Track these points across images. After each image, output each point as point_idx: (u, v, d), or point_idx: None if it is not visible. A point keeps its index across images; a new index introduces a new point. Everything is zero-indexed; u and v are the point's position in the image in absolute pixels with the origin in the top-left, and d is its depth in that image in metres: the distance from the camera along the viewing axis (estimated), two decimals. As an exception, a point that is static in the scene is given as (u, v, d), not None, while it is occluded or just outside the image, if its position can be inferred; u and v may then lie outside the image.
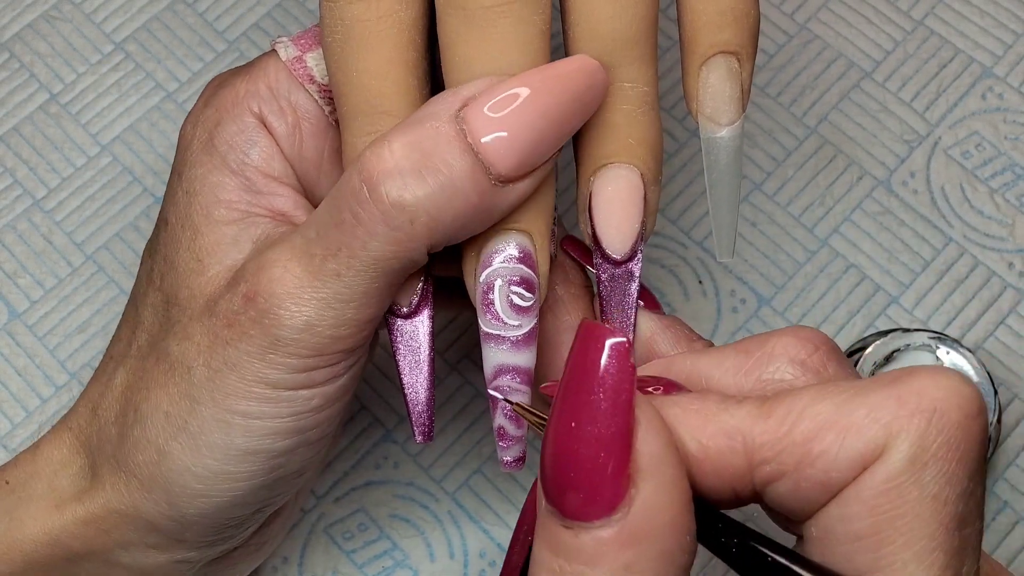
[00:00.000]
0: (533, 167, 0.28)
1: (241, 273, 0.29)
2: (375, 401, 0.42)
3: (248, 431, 0.29)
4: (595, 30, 0.29)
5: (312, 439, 0.30)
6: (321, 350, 0.28)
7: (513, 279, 0.28)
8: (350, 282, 0.28)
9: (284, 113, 0.31)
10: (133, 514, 0.31)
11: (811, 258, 0.44)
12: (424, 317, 0.30)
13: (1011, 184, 0.44)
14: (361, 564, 0.40)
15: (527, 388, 0.29)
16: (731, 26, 0.29)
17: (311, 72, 0.31)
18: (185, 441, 0.29)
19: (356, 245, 0.27)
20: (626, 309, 0.30)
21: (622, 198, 0.29)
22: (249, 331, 0.28)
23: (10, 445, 0.42)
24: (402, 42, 0.29)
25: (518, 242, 0.28)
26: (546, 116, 0.27)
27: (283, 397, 0.29)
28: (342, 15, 0.29)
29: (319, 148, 0.32)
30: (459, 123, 0.27)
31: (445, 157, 0.27)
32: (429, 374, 0.30)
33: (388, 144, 0.27)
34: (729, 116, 0.30)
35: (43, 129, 0.46)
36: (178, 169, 0.32)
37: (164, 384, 0.30)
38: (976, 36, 0.47)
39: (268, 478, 0.30)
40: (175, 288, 0.31)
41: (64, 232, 0.45)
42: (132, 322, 0.33)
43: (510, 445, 0.30)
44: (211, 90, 0.33)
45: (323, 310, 0.28)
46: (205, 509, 0.30)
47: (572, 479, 0.22)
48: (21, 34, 0.48)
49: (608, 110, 0.29)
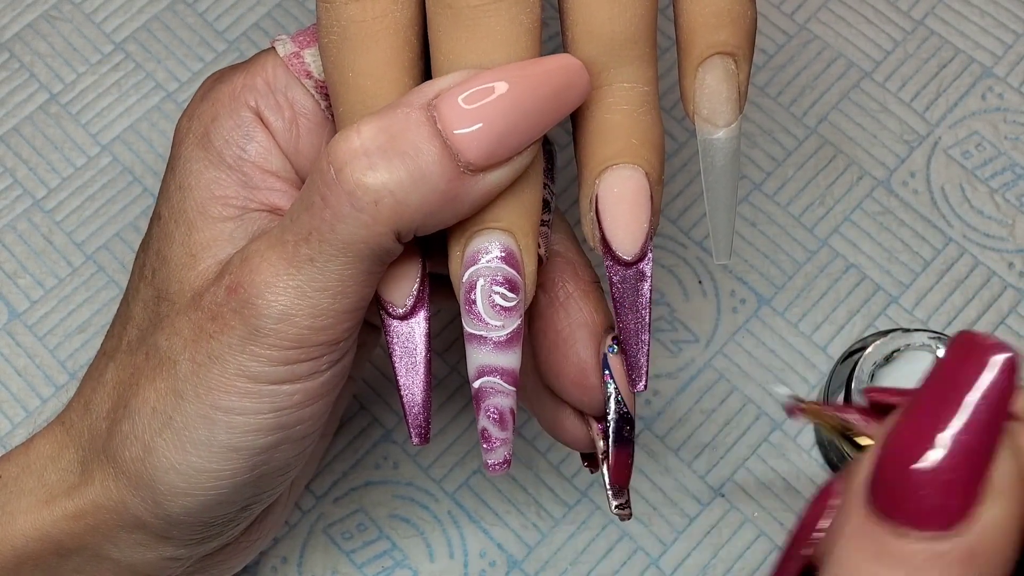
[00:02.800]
0: (504, 158, 0.27)
1: (227, 266, 0.29)
2: (375, 401, 0.42)
3: (231, 427, 0.29)
4: (594, 30, 0.29)
5: (295, 436, 0.30)
6: (300, 341, 0.28)
7: (496, 279, 0.28)
8: (323, 267, 0.28)
9: (281, 108, 0.31)
10: (121, 510, 0.31)
11: (811, 258, 0.44)
12: (420, 319, 0.30)
13: (1011, 184, 0.44)
14: (361, 564, 0.40)
15: (512, 389, 0.29)
16: (728, 27, 0.29)
17: (308, 68, 0.31)
18: (169, 437, 0.29)
19: (324, 228, 0.27)
20: (639, 310, 0.30)
21: (629, 199, 0.29)
22: (231, 323, 0.28)
23: (10, 445, 0.42)
24: (398, 43, 0.29)
25: (501, 241, 0.28)
26: (520, 109, 0.27)
27: (264, 392, 0.29)
28: (338, 16, 0.29)
29: (316, 144, 0.32)
30: (430, 110, 0.27)
31: (413, 141, 0.27)
32: (426, 376, 0.30)
33: (357, 128, 0.27)
34: (726, 118, 0.29)
35: (43, 129, 0.46)
36: (172, 164, 0.32)
37: (152, 379, 0.30)
38: (976, 36, 0.47)
39: (252, 475, 0.30)
40: (166, 283, 0.31)
41: (64, 232, 0.45)
42: (124, 317, 0.33)
43: (495, 447, 0.29)
44: (208, 85, 0.32)
45: (299, 298, 0.28)
46: (190, 507, 0.30)
47: (923, 483, 0.22)
48: (21, 34, 0.48)
49: (609, 111, 0.29)
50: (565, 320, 0.31)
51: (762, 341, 0.43)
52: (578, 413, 0.32)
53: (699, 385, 0.42)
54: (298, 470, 0.32)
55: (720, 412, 0.42)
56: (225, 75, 0.32)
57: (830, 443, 0.40)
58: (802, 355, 0.42)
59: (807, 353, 0.42)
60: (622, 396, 0.31)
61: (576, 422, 0.32)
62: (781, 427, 0.42)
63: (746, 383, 0.42)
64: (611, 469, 0.31)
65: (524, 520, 0.41)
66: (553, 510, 0.41)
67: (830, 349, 0.42)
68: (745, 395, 0.42)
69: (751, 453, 0.41)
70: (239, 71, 0.32)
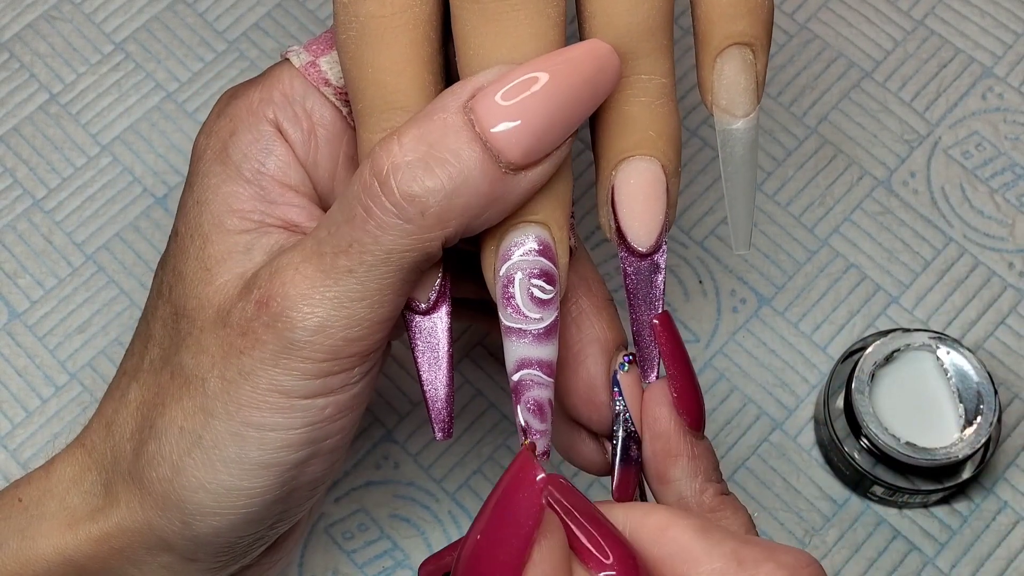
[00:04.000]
0: (545, 153, 0.27)
1: (254, 280, 0.29)
2: (375, 401, 0.42)
3: (262, 444, 0.29)
4: (612, 22, 0.29)
5: (325, 450, 0.30)
6: (335, 353, 0.28)
7: (533, 272, 0.28)
8: (362, 278, 0.28)
9: (299, 120, 0.31)
10: (147, 532, 0.30)
11: (811, 258, 0.44)
12: (442, 313, 0.30)
13: (1011, 184, 0.44)
14: (361, 564, 0.40)
15: (550, 380, 0.29)
16: (745, 17, 0.29)
17: (325, 75, 0.31)
18: (199, 456, 0.29)
19: (368, 240, 0.27)
20: (653, 301, 0.30)
21: (646, 191, 0.29)
22: (263, 337, 0.28)
23: (10, 445, 0.42)
24: (417, 37, 0.29)
25: (537, 234, 0.28)
26: (557, 102, 0.27)
27: (297, 407, 0.29)
28: (356, 11, 0.29)
29: (334, 156, 0.32)
30: (467, 113, 0.27)
31: (452, 147, 0.27)
32: (448, 370, 0.30)
33: (398, 138, 0.27)
34: (744, 108, 0.29)
35: (43, 129, 0.46)
36: (190, 180, 0.32)
37: (179, 398, 0.29)
38: (976, 36, 0.47)
39: (282, 492, 0.30)
40: (183, 299, 0.30)
41: (64, 232, 0.45)
42: (144, 336, 0.32)
43: (535, 439, 0.29)
44: (224, 101, 0.32)
45: (336, 309, 0.28)
46: (219, 527, 0.30)
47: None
48: (21, 34, 0.48)
49: (626, 103, 0.29)
50: (576, 336, 0.31)
51: (762, 341, 0.43)
52: (593, 437, 0.32)
53: (699, 385, 0.42)
54: (326, 487, 0.32)
55: (720, 412, 0.42)
56: (240, 91, 0.32)
57: (830, 443, 0.40)
58: (802, 355, 0.42)
59: (807, 353, 0.42)
60: (630, 415, 0.30)
61: (592, 446, 0.32)
62: (781, 427, 0.42)
63: (746, 383, 0.42)
64: (615, 487, 0.31)
65: (524, 520, 0.41)
66: (553, 510, 0.41)
67: (830, 349, 0.42)
68: (745, 395, 0.42)
69: (751, 453, 0.41)
70: (255, 85, 0.32)
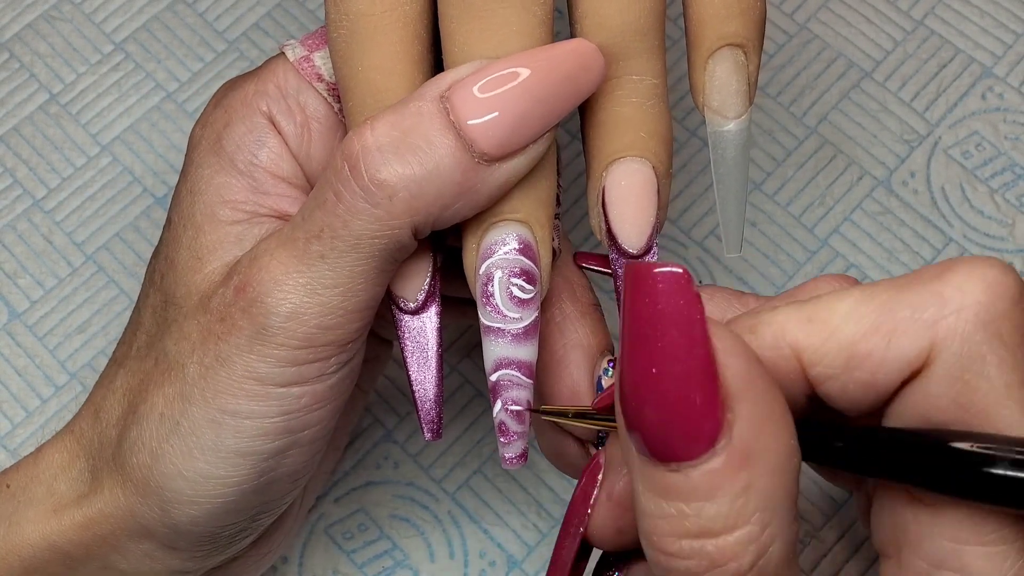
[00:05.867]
0: (520, 147, 0.27)
1: (236, 267, 0.29)
2: (375, 401, 0.42)
3: (238, 431, 0.29)
4: (603, 23, 0.29)
5: (303, 441, 0.30)
6: (310, 341, 0.28)
7: (513, 270, 0.28)
8: (333, 264, 0.28)
9: (293, 113, 0.31)
10: (128, 519, 0.30)
11: (811, 258, 0.44)
12: (431, 313, 0.30)
13: (1011, 184, 0.44)
14: (361, 564, 0.40)
15: (529, 382, 0.29)
16: (737, 18, 0.29)
17: (319, 70, 0.31)
18: (176, 443, 0.29)
19: (337, 224, 0.27)
20: None
21: (636, 192, 0.29)
22: (239, 323, 0.28)
23: (10, 445, 0.42)
24: (407, 36, 0.29)
25: (518, 233, 0.28)
26: (535, 96, 0.27)
27: (272, 394, 0.29)
28: (347, 10, 0.29)
29: (327, 149, 0.32)
30: (442, 102, 0.27)
31: (425, 134, 0.27)
32: (437, 371, 0.30)
33: (371, 124, 0.27)
34: (736, 109, 0.29)
35: (43, 129, 0.46)
36: (185, 170, 0.32)
37: (160, 384, 0.30)
38: (976, 36, 0.47)
39: (260, 482, 0.30)
40: (173, 287, 0.31)
41: (64, 232, 0.45)
42: (134, 324, 0.32)
43: (512, 441, 0.29)
44: (221, 93, 0.33)
45: (308, 296, 0.28)
46: (196, 515, 0.30)
47: (668, 424, 0.22)
48: (21, 34, 0.48)
49: (618, 103, 0.29)
50: (560, 340, 0.31)
51: (762, 341, 0.43)
52: (579, 441, 0.32)
53: (699, 385, 0.42)
54: (307, 479, 0.32)
55: (720, 412, 0.42)
56: (237, 83, 0.32)
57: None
58: (802, 355, 0.42)
59: (807, 353, 0.42)
60: None
61: (577, 450, 0.32)
62: (781, 427, 0.42)
63: (746, 383, 0.42)
64: None
65: (524, 520, 0.41)
66: (553, 510, 0.41)
67: (830, 349, 0.42)
68: (745, 395, 0.42)
69: (751, 453, 0.41)
70: (250, 78, 0.32)
